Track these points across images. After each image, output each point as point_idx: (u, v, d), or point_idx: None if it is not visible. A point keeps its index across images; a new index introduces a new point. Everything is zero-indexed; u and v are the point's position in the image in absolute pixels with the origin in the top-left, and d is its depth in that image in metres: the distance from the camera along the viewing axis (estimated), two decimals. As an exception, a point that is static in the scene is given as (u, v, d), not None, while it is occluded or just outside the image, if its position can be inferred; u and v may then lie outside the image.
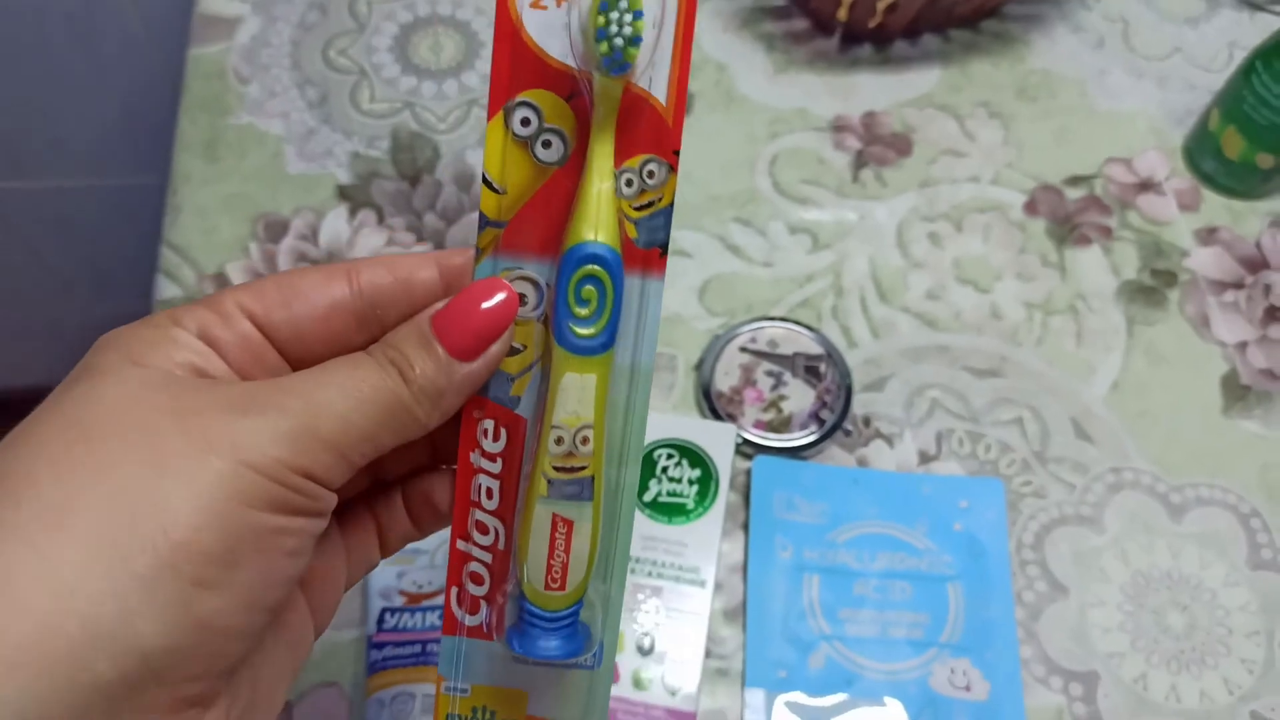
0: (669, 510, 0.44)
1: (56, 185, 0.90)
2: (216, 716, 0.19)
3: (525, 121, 0.22)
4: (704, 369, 0.50)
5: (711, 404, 0.50)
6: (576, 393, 0.22)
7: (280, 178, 0.55)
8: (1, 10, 0.70)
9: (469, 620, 0.24)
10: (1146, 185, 0.59)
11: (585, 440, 0.23)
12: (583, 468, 0.23)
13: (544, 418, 0.23)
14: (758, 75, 0.62)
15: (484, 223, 0.22)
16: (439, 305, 0.22)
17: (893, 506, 0.48)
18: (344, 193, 0.55)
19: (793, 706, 0.43)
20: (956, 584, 0.46)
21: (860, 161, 0.59)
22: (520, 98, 0.21)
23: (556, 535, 0.23)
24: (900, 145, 0.59)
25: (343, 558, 0.24)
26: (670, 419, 0.47)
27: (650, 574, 0.43)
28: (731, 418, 0.49)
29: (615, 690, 0.41)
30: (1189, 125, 0.61)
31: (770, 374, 0.50)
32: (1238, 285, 0.55)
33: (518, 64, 0.21)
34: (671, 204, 0.22)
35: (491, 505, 0.24)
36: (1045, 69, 0.63)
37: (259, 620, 0.20)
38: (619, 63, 0.20)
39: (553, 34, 0.21)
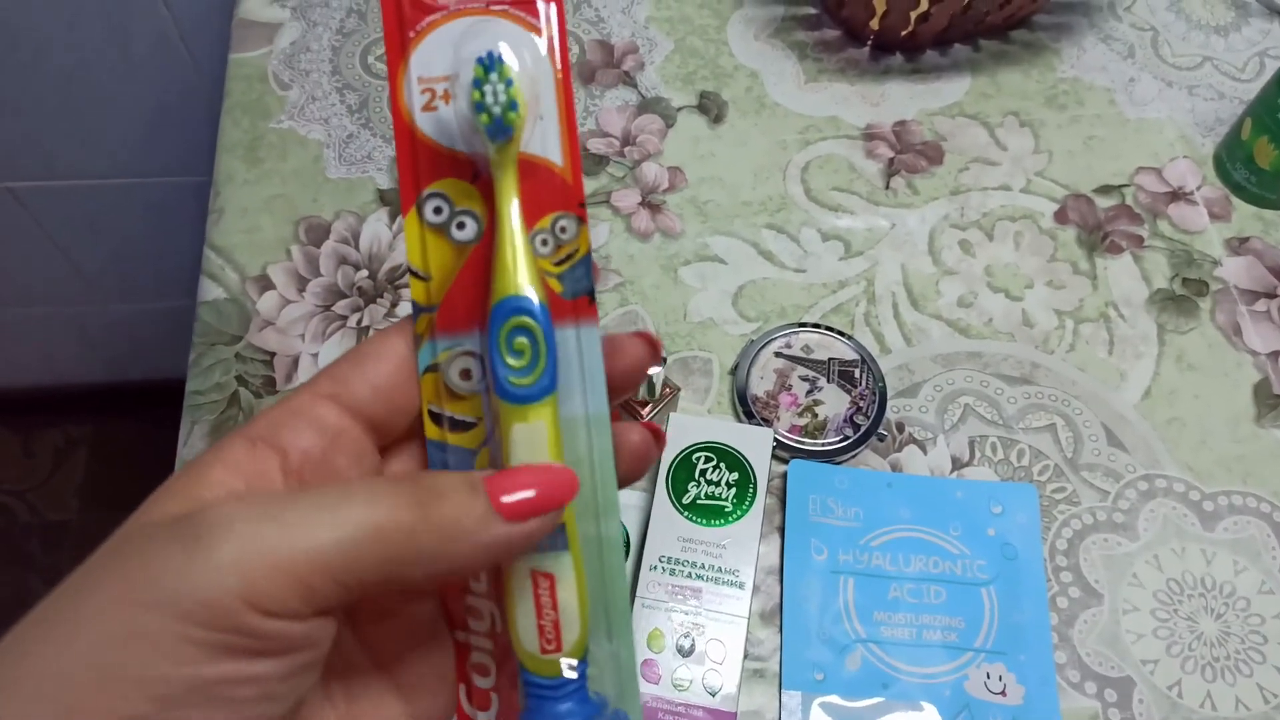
0: (708, 513, 0.45)
1: (85, 184, 0.91)
2: None
3: (438, 210, 0.23)
4: (739, 373, 0.51)
5: (747, 408, 0.50)
6: (528, 441, 0.22)
7: (321, 181, 0.56)
8: (35, 8, 0.71)
9: (482, 718, 0.24)
10: (1177, 194, 0.59)
11: None
12: None
13: None
14: (789, 83, 0.62)
15: (417, 310, 0.23)
16: (492, 472, 0.21)
17: (926, 511, 0.48)
18: (384, 197, 0.56)
19: (829, 708, 0.44)
20: (990, 588, 0.46)
21: (892, 169, 0.59)
22: (429, 190, 0.23)
23: (540, 592, 0.22)
24: (931, 153, 0.60)
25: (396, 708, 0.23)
26: (708, 422, 0.48)
27: (690, 575, 0.44)
28: (767, 422, 0.50)
29: (655, 690, 0.42)
30: (1219, 134, 0.61)
31: (805, 379, 0.51)
32: (1270, 294, 0.55)
33: (420, 161, 0.23)
34: (589, 253, 0.23)
35: (481, 588, 0.24)
36: (1075, 78, 0.63)
37: None
38: (502, 128, 0.21)
39: (446, 129, 0.22)
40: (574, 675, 0.22)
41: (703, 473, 0.46)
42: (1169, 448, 0.51)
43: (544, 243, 0.23)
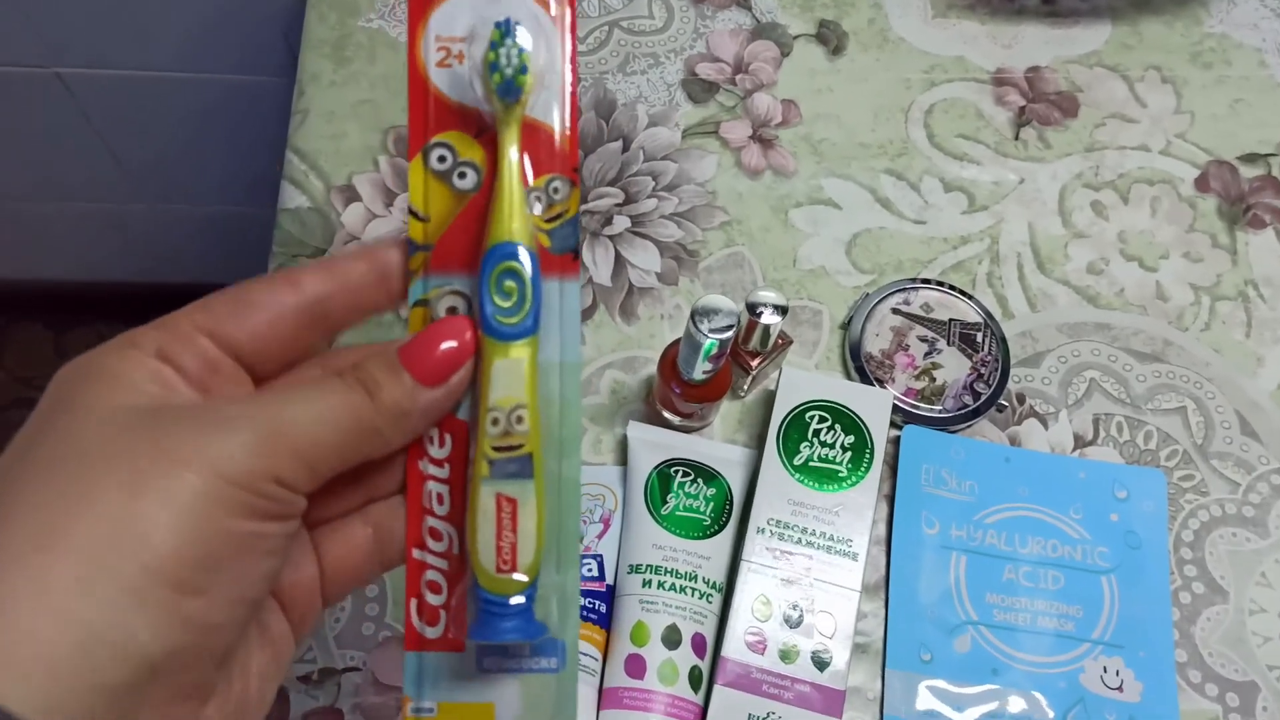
0: (820, 476, 0.42)
1: (138, 75, 0.87)
2: (213, 708, 0.21)
3: (441, 159, 0.25)
4: (853, 328, 0.48)
5: (860, 365, 0.47)
6: (507, 375, 0.24)
7: (411, 87, 0.52)
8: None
9: (430, 632, 0.25)
10: (1328, 169, 0.55)
11: (520, 419, 0.24)
12: (519, 445, 0.24)
13: (480, 406, 0.24)
14: (915, 17, 0.58)
15: (413, 247, 0.25)
16: (406, 339, 0.24)
17: (1046, 490, 0.45)
18: (480, 109, 0.52)
19: (936, 692, 0.41)
20: (1111, 577, 0.44)
21: (1022, 119, 0.55)
22: (435, 139, 0.24)
23: (502, 515, 0.24)
24: (1066, 105, 0.55)
25: (315, 575, 0.25)
26: (823, 379, 0.44)
27: (799, 541, 0.41)
28: (880, 382, 0.46)
29: (759, 661, 0.39)
30: (1378, 107, 0.56)
31: (924, 340, 0.47)
32: None
33: (430, 112, 0.24)
34: (578, 214, 0.25)
35: (443, 511, 0.25)
36: (1223, 34, 0.58)
37: (241, 614, 0.22)
38: (512, 89, 0.24)
39: (458, 85, 0.24)
40: (521, 600, 0.24)
41: (816, 433, 0.43)
42: (1306, 442, 0.47)
43: (538, 199, 0.25)
